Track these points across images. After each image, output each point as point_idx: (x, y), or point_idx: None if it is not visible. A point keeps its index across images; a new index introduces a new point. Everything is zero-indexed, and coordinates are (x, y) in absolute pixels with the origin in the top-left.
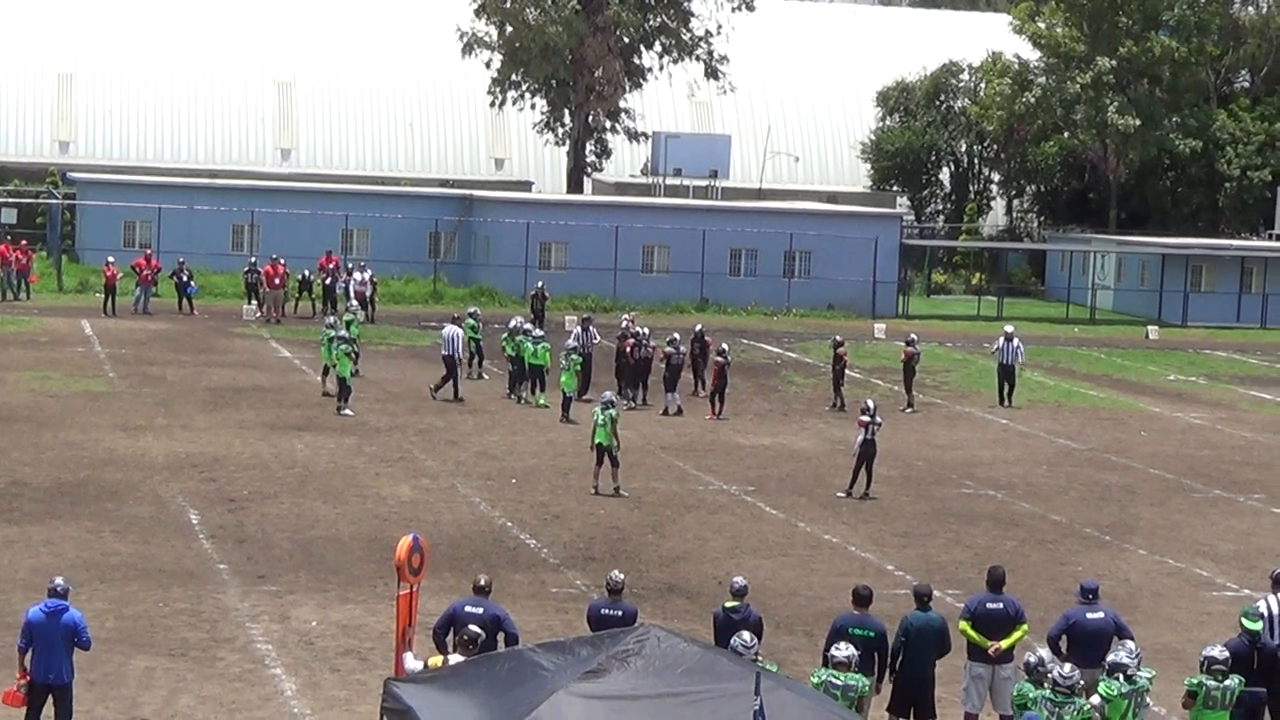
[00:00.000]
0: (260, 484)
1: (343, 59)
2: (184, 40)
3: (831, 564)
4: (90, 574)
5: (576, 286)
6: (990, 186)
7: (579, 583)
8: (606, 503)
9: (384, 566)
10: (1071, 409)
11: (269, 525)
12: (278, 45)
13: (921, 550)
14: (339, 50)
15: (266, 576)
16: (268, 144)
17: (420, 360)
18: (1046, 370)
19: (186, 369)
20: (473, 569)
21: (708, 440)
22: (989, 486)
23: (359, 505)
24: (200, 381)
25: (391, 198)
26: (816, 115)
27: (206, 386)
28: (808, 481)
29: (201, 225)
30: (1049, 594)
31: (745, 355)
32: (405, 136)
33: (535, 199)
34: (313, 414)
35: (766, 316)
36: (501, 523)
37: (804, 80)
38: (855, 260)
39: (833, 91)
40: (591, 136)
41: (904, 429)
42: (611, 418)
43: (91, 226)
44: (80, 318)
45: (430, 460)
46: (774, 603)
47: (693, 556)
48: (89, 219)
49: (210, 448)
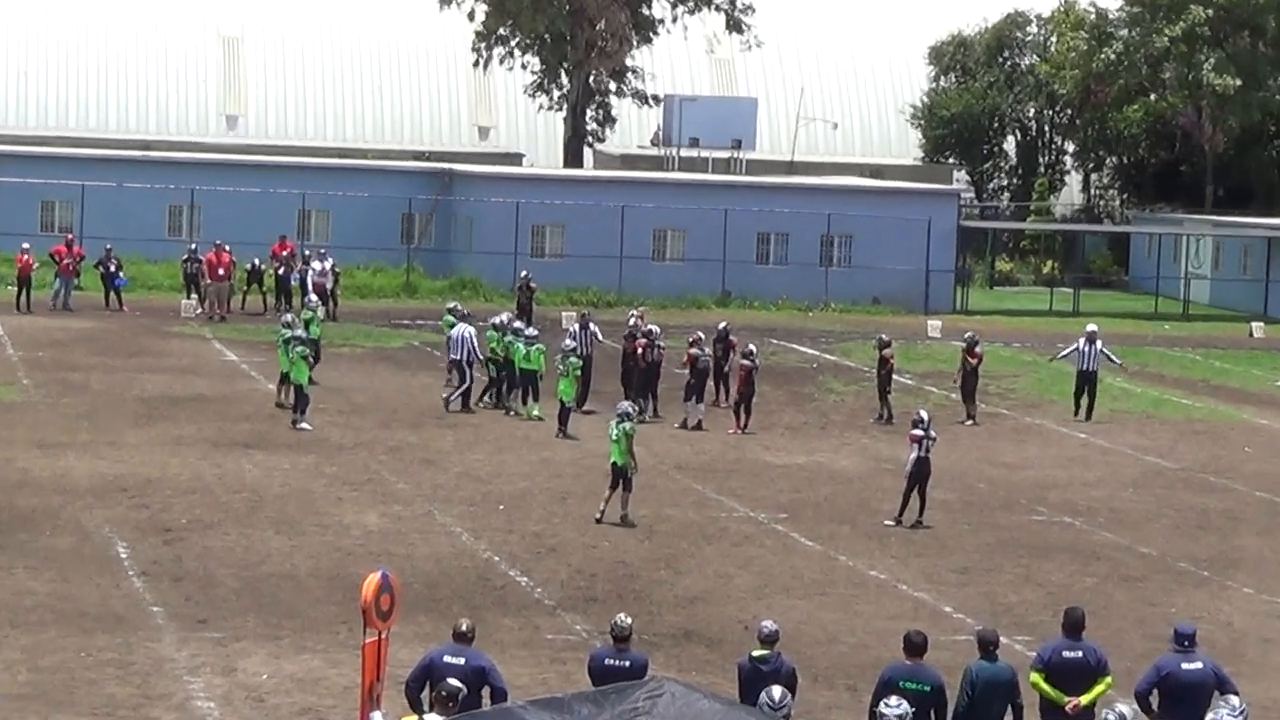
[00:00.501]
0: (201, 511)
1: (299, 9)
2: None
3: (879, 605)
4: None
5: (575, 278)
6: (1063, 158)
7: (579, 628)
8: (612, 533)
9: (347, 609)
10: (1162, 421)
11: (211, 560)
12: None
13: (985, 588)
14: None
15: (208, 621)
16: (211, 110)
17: (391, 364)
18: (1132, 375)
19: (115, 375)
20: (453, 612)
21: (731, 458)
22: (1065, 512)
23: (318, 536)
24: (131, 390)
25: (357, 173)
26: (858, 75)
27: (138, 396)
28: (850, 507)
29: (133, 206)
30: (1137, 640)
31: (775, 358)
32: (373, 101)
33: (526, 174)
34: (264, 428)
35: (800, 312)
36: (487, 557)
37: (844, 33)
38: (905, 246)
39: (877, 47)
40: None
41: (964, 445)
42: (626, 432)
43: (2, 207)
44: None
45: (402, 483)
46: (810, 651)
47: (714, 597)
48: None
49: (142, 468)
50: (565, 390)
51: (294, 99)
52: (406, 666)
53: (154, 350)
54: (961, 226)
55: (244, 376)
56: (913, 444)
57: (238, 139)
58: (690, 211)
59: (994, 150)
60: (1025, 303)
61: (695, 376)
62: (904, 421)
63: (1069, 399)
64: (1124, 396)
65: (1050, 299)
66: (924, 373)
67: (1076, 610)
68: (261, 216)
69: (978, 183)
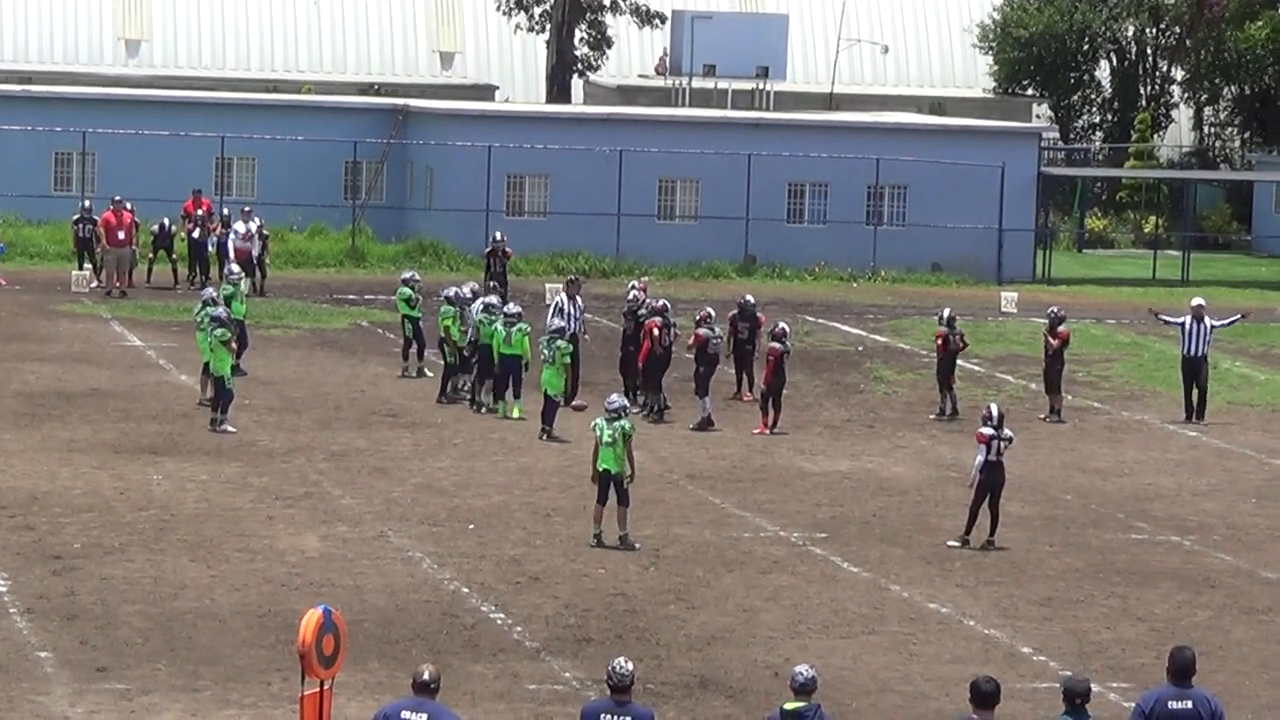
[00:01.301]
0: (100, 533)
1: None
2: None
3: (940, 645)
4: None
5: (561, 241)
6: (1170, 89)
7: (568, 675)
8: (609, 558)
9: (281, 654)
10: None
11: (112, 594)
12: None
13: (1072, 624)
14: None
15: (109, 669)
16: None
17: (333, 350)
18: (1254, 359)
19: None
20: (412, 657)
21: (757, 465)
22: (1171, 530)
23: (244, 564)
24: (9, 384)
25: (288, 111)
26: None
27: (19, 391)
28: (904, 524)
29: (10, 153)
30: (1259, 686)
31: (811, 339)
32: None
33: (500, 111)
34: (176, 430)
35: (842, 282)
36: (454, 588)
37: None
38: (972, 199)
39: None
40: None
41: (1046, 447)
42: (624, 432)
43: None
44: None
45: (349, 497)
46: (855, 702)
47: (736, 636)
48: None
49: (25, 480)
50: (551, 381)
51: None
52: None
53: (38, 334)
54: (1043, 174)
55: (151, 366)
56: (980, 446)
57: (139, 70)
58: (704, 158)
59: (1083, 79)
60: (1122, 269)
61: (705, 363)
62: (971, 418)
63: (1177, 389)
64: (1244, 385)
65: (1153, 264)
66: (996, 357)
67: (1186, 651)
68: (170, 166)
69: (1063, 120)
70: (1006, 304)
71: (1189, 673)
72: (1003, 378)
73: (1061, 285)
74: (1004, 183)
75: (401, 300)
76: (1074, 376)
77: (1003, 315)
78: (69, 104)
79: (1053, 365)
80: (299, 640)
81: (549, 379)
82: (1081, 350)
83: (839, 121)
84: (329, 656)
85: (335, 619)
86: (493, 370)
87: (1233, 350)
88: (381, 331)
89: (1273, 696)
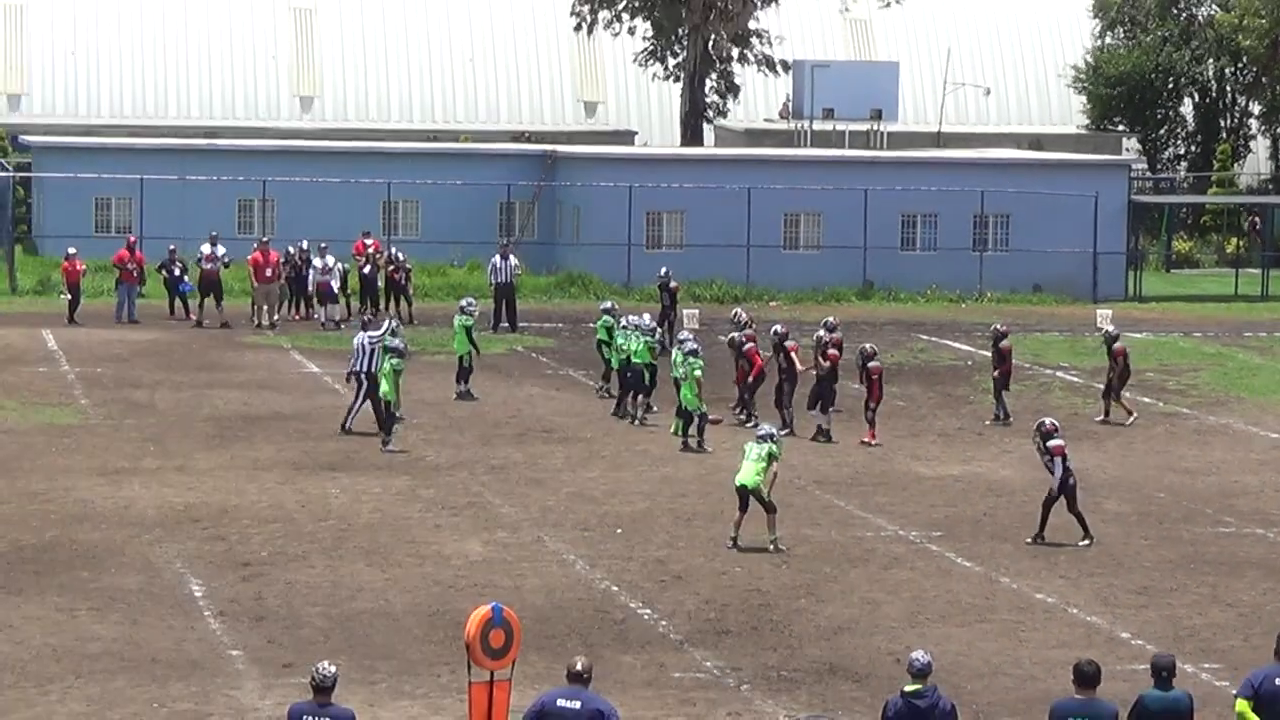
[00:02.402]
0: (283, 542)
1: None
2: None
3: (1047, 632)
4: (62, 666)
5: (697, 270)
6: (1248, 122)
7: (709, 665)
8: (744, 559)
9: (449, 649)
10: None
11: (296, 597)
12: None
13: (1167, 611)
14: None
15: (294, 665)
16: (282, 92)
17: (492, 373)
18: None
19: (182, 392)
20: (567, 650)
21: (877, 471)
22: (1257, 523)
23: (414, 568)
24: (200, 409)
25: (448, 158)
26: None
27: (209, 415)
28: (1012, 522)
29: (197, 201)
30: None
31: (925, 356)
32: (464, 76)
33: (639, 155)
34: (351, 448)
35: (952, 303)
36: (604, 587)
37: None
38: (1069, 225)
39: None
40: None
41: (1139, 449)
42: (771, 454)
43: (53, 206)
44: (41, 327)
45: (507, 506)
46: (970, 685)
47: (860, 626)
48: (49, 196)
49: (216, 496)
50: (688, 398)
51: (375, 76)
52: (516, 712)
53: (225, 363)
54: (1133, 202)
55: (327, 391)
56: (1058, 458)
57: (313, 123)
58: (825, 193)
59: (1169, 115)
60: (1207, 287)
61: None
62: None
63: (1258, 395)
64: None
65: (1235, 282)
66: (1094, 369)
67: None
68: (342, 210)
69: (1150, 152)
70: (1102, 320)
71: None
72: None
73: (1151, 303)
74: (1097, 210)
75: (603, 329)
76: (1164, 385)
77: (1099, 330)
78: (250, 155)
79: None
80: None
81: (686, 396)
82: (1170, 361)
83: (946, 158)
84: (497, 650)
85: (507, 615)
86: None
87: None
88: (535, 356)
89: None
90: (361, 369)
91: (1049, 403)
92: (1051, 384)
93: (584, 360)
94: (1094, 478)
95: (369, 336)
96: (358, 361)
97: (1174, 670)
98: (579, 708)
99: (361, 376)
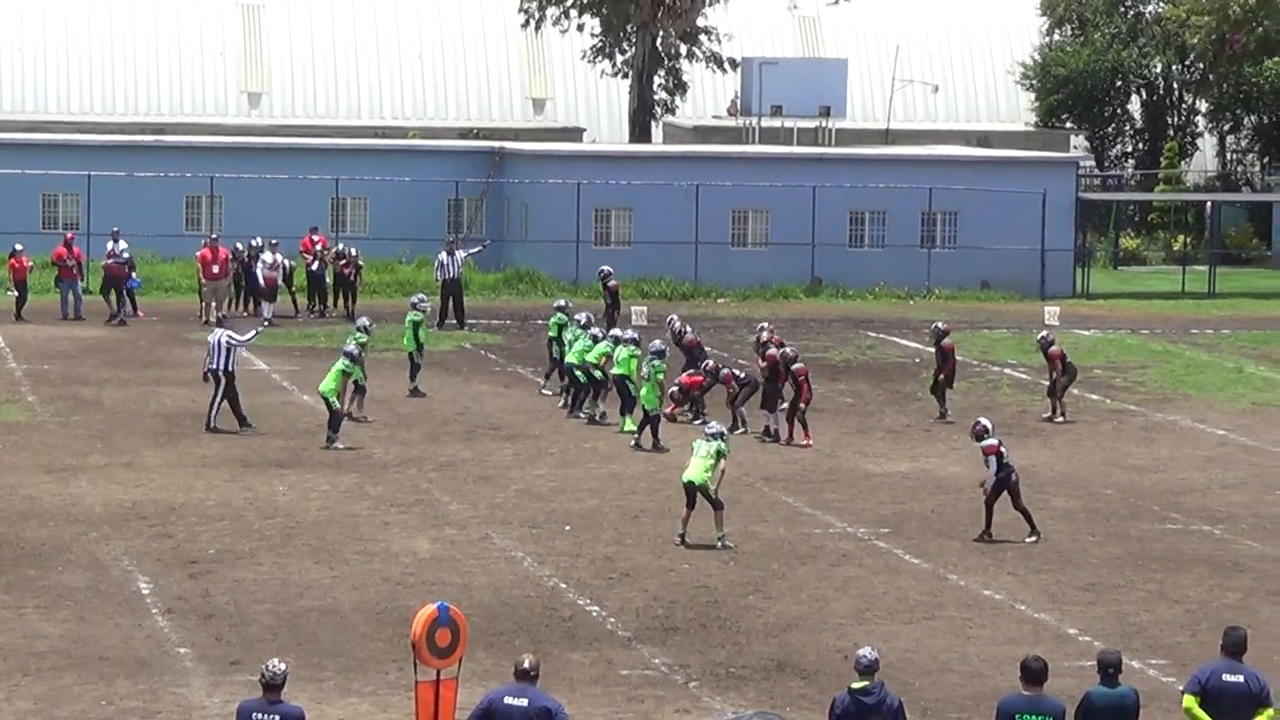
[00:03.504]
0: (231, 540)
1: None
2: None
3: (994, 628)
4: (9, 664)
5: (645, 267)
6: (1195, 119)
7: (657, 661)
8: (692, 555)
9: (397, 646)
10: None
11: (244, 594)
12: None
13: (1114, 607)
14: None
15: (242, 662)
16: (230, 88)
17: (440, 370)
18: (1276, 363)
19: (130, 389)
20: (515, 647)
21: (825, 467)
22: (1203, 520)
23: (362, 565)
24: (149, 406)
25: (396, 155)
26: (961, 30)
27: (157, 412)
28: (960, 519)
29: (145, 198)
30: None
31: (873, 353)
32: (413, 73)
33: (587, 151)
34: (299, 445)
35: (900, 301)
36: (552, 584)
37: None
38: (1017, 223)
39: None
40: (661, 66)
41: (1087, 446)
42: (720, 452)
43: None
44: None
45: (456, 503)
46: (918, 681)
47: (808, 623)
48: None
49: (164, 493)
50: (648, 398)
51: (323, 73)
52: (464, 710)
53: (173, 360)
54: (1080, 199)
55: (275, 388)
56: (991, 457)
57: (261, 120)
58: (773, 190)
59: (1116, 113)
60: (1154, 284)
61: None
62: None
63: (1205, 392)
64: (1268, 387)
65: (1182, 279)
66: (1042, 366)
67: (1239, 630)
68: (290, 207)
69: (1098, 150)
70: (1049, 317)
71: (1242, 649)
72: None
73: (1099, 300)
74: (1045, 208)
75: (554, 326)
76: (1112, 382)
77: (1046, 327)
78: (198, 152)
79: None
80: (411, 633)
81: (647, 395)
82: (1118, 358)
83: (895, 155)
84: (443, 649)
85: (453, 614)
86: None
87: (1256, 355)
88: (483, 353)
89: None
90: (217, 367)
91: (997, 400)
92: (1000, 381)
93: (532, 357)
94: (1041, 475)
95: (226, 335)
96: (214, 359)
97: (1121, 666)
98: (526, 705)
99: (219, 374)
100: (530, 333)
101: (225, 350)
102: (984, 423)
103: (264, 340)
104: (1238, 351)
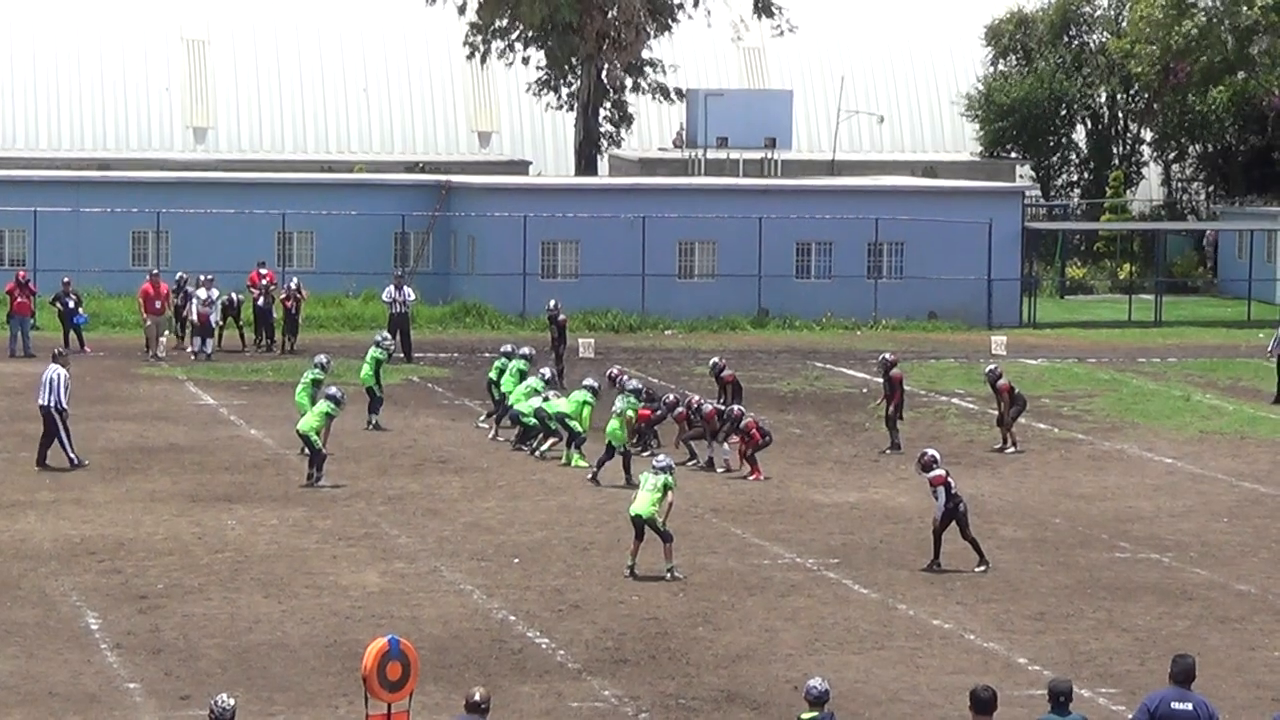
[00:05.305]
0: (180, 574)
1: (271, 7)
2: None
3: (944, 658)
4: None
5: (592, 299)
6: (1140, 149)
7: (607, 693)
8: (642, 587)
9: (347, 680)
10: (1259, 442)
11: (193, 629)
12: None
13: (1063, 636)
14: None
15: (192, 697)
16: (176, 123)
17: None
18: (1223, 391)
19: (77, 425)
20: (465, 680)
21: (774, 498)
22: (1152, 548)
23: (312, 599)
24: (96, 441)
25: (342, 189)
26: (906, 61)
27: (105, 448)
28: (909, 549)
29: (91, 233)
30: (1235, 689)
31: (820, 384)
32: (358, 107)
33: (533, 184)
34: (247, 480)
35: (847, 331)
36: (501, 617)
37: (888, 15)
38: (963, 253)
39: (927, 29)
40: (606, 99)
41: (1035, 475)
42: (667, 485)
43: None
44: None
45: (404, 536)
46: (868, 712)
47: (758, 654)
48: None
49: (112, 529)
50: (614, 432)
51: (269, 108)
52: None
53: (121, 395)
54: (1026, 229)
55: (223, 422)
56: (939, 487)
57: (207, 154)
58: (720, 221)
59: (1061, 142)
60: (1101, 313)
61: None
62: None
63: (1152, 420)
64: (1214, 415)
65: (1129, 307)
66: (990, 395)
67: (1187, 658)
68: (237, 241)
69: (1044, 179)
70: (996, 347)
71: (1190, 677)
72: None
73: (1046, 329)
74: (991, 237)
75: (496, 370)
76: (1059, 411)
77: (993, 357)
78: (144, 187)
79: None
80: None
81: (613, 430)
82: (1065, 387)
83: (841, 186)
84: (395, 682)
85: (404, 648)
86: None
87: (1203, 384)
88: (431, 386)
89: (1246, 698)
90: (51, 404)
91: (945, 429)
92: (947, 411)
93: (479, 390)
94: (990, 504)
95: (61, 371)
96: (46, 394)
97: (1071, 695)
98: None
99: (53, 410)
100: (478, 365)
101: (62, 384)
102: (931, 453)
103: (212, 375)
104: (1184, 379)
